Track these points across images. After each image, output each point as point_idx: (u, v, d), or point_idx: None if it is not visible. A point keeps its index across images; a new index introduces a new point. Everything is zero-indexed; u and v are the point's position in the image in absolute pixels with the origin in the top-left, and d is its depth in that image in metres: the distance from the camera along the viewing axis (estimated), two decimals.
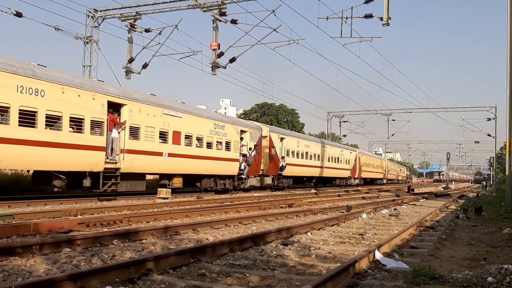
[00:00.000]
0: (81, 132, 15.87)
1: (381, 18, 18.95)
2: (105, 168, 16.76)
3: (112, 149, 17.17)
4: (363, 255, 6.54)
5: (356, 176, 49.13)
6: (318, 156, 38.29)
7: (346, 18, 20.18)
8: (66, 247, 7.09)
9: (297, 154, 34.07)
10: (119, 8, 25.46)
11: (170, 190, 19.40)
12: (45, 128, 14.68)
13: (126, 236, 8.15)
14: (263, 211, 15.19)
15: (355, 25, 23.79)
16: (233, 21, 21.99)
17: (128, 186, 18.34)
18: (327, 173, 40.38)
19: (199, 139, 22.22)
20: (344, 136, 60.13)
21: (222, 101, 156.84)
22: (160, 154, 19.49)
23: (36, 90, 14.41)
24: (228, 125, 24.67)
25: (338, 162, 43.35)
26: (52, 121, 14.89)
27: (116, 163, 17.30)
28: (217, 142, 23.51)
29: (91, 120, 16.19)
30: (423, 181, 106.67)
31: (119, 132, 17.49)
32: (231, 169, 24.63)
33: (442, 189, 50.41)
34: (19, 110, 13.84)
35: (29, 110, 14.13)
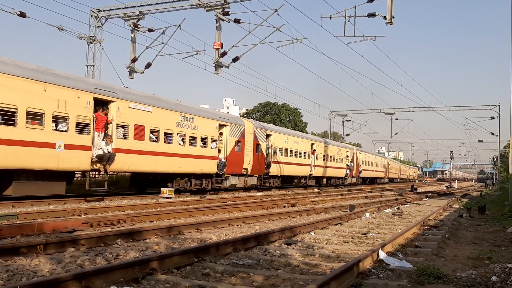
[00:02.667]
0: (303, 158, 34.50)
1: (385, 17, 18.90)
2: (309, 174, 35.98)
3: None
4: (367, 254, 6.53)
5: (386, 176, 68.10)
6: (372, 163, 57.73)
7: (350, 17, 20.14)
8: (70, 246, 7.12)
9: (366, 163, 53.49)
10: (122, 8, 25.51)
11: (173, 189, 19.49)
12: (295, 156, 33.02)
13: (130, 236, 8.18)
14: (266, 211, 15.18)
15: (358, 24, 23.69)
16: (236, 21, 21.97)
17: (312, 182, 37.53)
18: (376, 174, 61.05)
19: (333, 157, 41.46)
20: (347, 135, 59.93)
21: (225, 100, 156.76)
22: (323, 166, 38.44)
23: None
24: (342, 149, 44.83)
25: (380, 166, 62.99)
26: (295, 153, 33.04)
27: (311, 171, 36.14)
28: (338, 158, 42.76)
29: (307, 153, 35.17)
30: (426, 180, 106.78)
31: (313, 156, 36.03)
32: (343, 173, 44.53)
33: (445, 188, 50.31)
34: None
35: (293, 149, 33.12)
